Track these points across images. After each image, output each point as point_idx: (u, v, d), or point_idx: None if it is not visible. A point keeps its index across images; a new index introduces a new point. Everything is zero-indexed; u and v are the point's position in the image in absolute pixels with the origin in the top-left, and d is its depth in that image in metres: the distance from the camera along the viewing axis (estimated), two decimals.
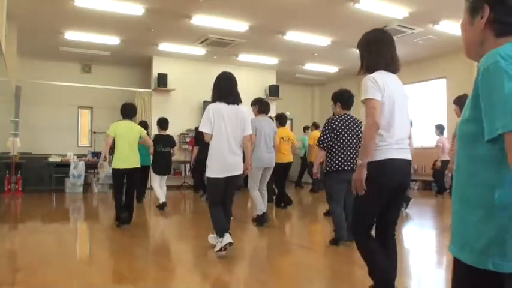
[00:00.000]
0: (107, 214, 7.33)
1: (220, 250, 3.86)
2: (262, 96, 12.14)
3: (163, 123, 7.60)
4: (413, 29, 8.66)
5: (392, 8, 7.64)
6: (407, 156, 2.58)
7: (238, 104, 4.05)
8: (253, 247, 4.86)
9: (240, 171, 4.09)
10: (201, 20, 8.35)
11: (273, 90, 12.67)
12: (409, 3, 7.46)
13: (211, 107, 3.97)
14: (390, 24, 8.42)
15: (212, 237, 4.16)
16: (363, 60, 2.70)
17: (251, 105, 6.10)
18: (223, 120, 3.92)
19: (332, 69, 12.55)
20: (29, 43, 9.75)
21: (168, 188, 10.76)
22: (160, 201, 7.20)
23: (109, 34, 9.40)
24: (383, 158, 2.48)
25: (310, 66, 12.33)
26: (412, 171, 6.67)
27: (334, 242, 4.51)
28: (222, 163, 3.96)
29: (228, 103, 3.98)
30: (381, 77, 2.53)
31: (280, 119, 7.22)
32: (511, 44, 1.15)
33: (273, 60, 11.75)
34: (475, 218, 1.17)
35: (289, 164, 7.24)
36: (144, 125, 7.37)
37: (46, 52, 10.74)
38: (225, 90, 4.02)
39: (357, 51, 2.82)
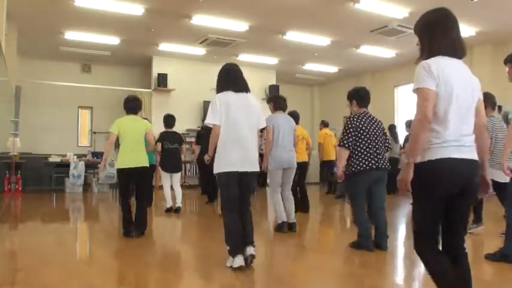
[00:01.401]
0: (107, 214, 7.34)
1: (231, 268, 3.44)
2: (262, 96, 12.17)
3: (168, 120, 7.22)
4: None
5: (392, 8, 7.64)
6: (471, 155, 2.16)
7: (247, 92, 3.67)
8: (263, 250, 4.73)
9: (255, 168, 3.60)
10: (201, 20, 8.36)
11: (273, 90, 12.65)
12: (409, 3, 7.46)
13: (218, 96, 3.57)
14: (390, 24, 8.43)
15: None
16: (423, 46, 2.31)
17: (267, 103, 5.80)
18: (231, 110, 3.52)
19: (332, 69, 12.55)
20: (29, 43, 9.76)
21: None
22: (167, 206, 6.90)
23: (109, 34, 9.41)
24: (439, 157, 2.11)
25: (310, 66, 12.33)
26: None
27: (355, 246, 4.28)
28: (230, 157, 3.50)
29: (236, 91, 3.59)
30: (438, 62, 2.16)
31: (293, 117, 6.77)
32: None
33: (273, 60, 11.75)
34: None
35: (304, 164, 7.00)
36: None
37: (46, 52, 10.74)
38: (232, 77, 3.66)
39: (357, 51, 2.70)
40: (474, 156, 2.18)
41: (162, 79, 11.28)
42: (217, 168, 3.55)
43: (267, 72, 12.82)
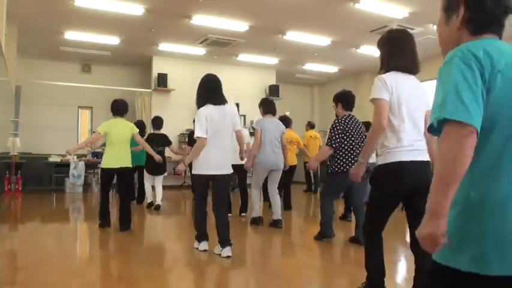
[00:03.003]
0: None
1: (197, 249, 4.18)
2: (262, 96, 12.16)
3: (156, 122, 7.49)
4: (413, 29, 8.65)
5: (392, 8, 7.64)
6: (422, 157, 2.52)
7: (224, 104, 4.13)
8: (251, 247, 4.86)
9: (229, 171, 4.15)
10: (201, 20, 8.36)
11: (273, 90, 12.65)
12: (409, 3, 7.47)
13: (203, 111, 4.03)
14: (390, 24, 8.41)
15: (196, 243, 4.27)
16: (384, 61, 2.67)
17: (258, 107, 6.01)
18: (213, 122, 4.00)
19: (332, 69, 12.55)
20: (29, 43, 9.75)
21: (169, 187, 10.80)
22: (148, 201, 7.38)
23: (109, 34, 9.41)
24: (394, 161, 2.47)
25: (310, 66, 12.32)
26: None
27: (319, 237, 4.71)
28: (207, 161, 4.03)
29: (215, 104, 4.06)
30: (393, 77, 2.52)
31: (284, 121, 6.78)
32: (478, 41, 1.20)
33: (273, 60, 11.75)
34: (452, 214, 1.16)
35: (293, 167, 7.10)
36: (140, 124, 7.35)
37: (46, 52, 10.74)
38: (211, 92, 4.10)
39: (357, 51, 2.89)
40: (425, 157, 2.54)
41: (162, 79, 11.27)
42: (195, 170, 4.11)
43: (267, 72, 12.80)
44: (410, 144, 2.47)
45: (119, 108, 5.48)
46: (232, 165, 5.88)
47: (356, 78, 13.42)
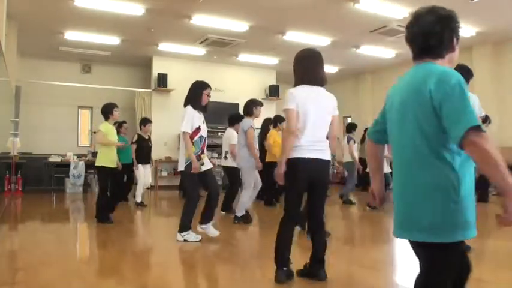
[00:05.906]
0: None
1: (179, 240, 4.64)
2: (262, 96, 12.18)
3: (142, 122, 8.09)
4: None
5: (392, 8, 7.65)
6: (321, 155, 3.02)
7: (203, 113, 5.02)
8: (248, 246, 4.86)
9: (208, 166, 4.80)
10: (201, 20, 8.36)
11: (273, 90, 12.66)
12: (409, 3, 7.46)
13: (191, 109, 4.94)
14: (390, 24, 8.43)
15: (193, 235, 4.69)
16: (295, 75, 3.13)
17: None
18: (199, 123, 4.91)
19: (332, 69, 12.55)
20: (29, 43, 9.76)
21: (168, 187, 10.81)
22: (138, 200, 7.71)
23: (109, 34, 9.41)
24: (295, 156, 2.97)
25: None
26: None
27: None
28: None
29: (199, 111, 4.96)
30: (298, 90, 3.02)
31: (273, 122, 7.43)
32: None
33: (273, 60, 11.75)
34: None
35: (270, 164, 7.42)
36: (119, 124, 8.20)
37: (46, 52, 10.75)
38: (198, 100, 5.01)
39: (357, 51, 3.03)
40: (324, 156, 3.04)
41: (162, 79, 11.27)
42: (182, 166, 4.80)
43: (267, 72, 12.81)
44: (312, 144, 2.97)
45: (102, 112, 5.99)
46: (230, 167, 6.20)
47: (356, 78, 13.43)
